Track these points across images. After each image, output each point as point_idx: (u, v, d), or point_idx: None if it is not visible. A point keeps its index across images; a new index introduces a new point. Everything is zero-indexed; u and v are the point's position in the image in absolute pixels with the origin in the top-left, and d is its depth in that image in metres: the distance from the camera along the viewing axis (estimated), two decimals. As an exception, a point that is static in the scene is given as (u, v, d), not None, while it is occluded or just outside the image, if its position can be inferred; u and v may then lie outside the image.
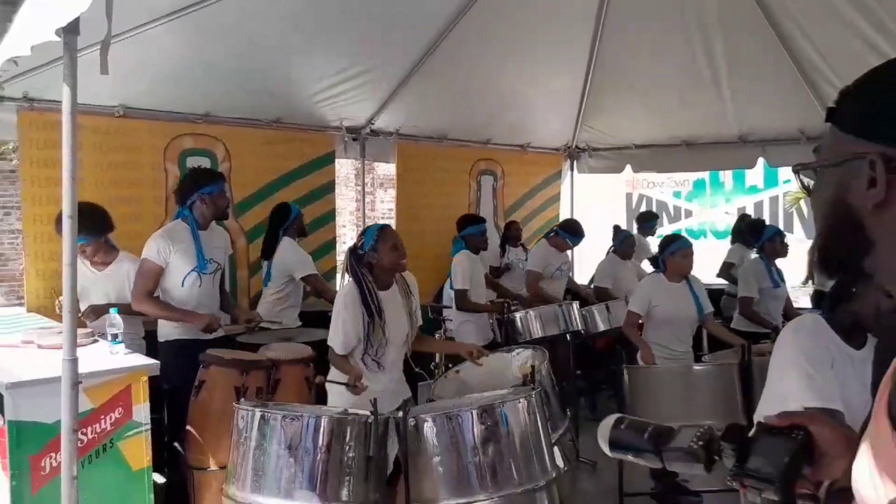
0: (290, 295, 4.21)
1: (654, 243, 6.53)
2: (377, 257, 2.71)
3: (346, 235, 13.38)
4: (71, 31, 1.84)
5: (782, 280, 4.37)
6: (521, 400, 2.31)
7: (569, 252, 5.36)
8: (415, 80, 4.91)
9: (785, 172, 8.87)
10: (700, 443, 0.92)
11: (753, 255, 4.82)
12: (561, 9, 4.60)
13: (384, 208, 12.23)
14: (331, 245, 5.32)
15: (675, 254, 3.50)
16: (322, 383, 2.82)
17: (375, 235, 2.73)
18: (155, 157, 4.30)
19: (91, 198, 3.50)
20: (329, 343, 2.78)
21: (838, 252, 0.75)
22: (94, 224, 3.40)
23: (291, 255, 4.17)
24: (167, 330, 3.33)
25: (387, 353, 2.76)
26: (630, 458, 0.99)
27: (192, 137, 4.46)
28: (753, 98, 5.19)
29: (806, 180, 0.81)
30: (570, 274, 5.20)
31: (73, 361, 2.10)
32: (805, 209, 9.54)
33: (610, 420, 1.03)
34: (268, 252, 4.28)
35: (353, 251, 2.76)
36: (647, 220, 6.64)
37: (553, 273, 4.92)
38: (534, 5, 4.46)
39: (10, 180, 8.76)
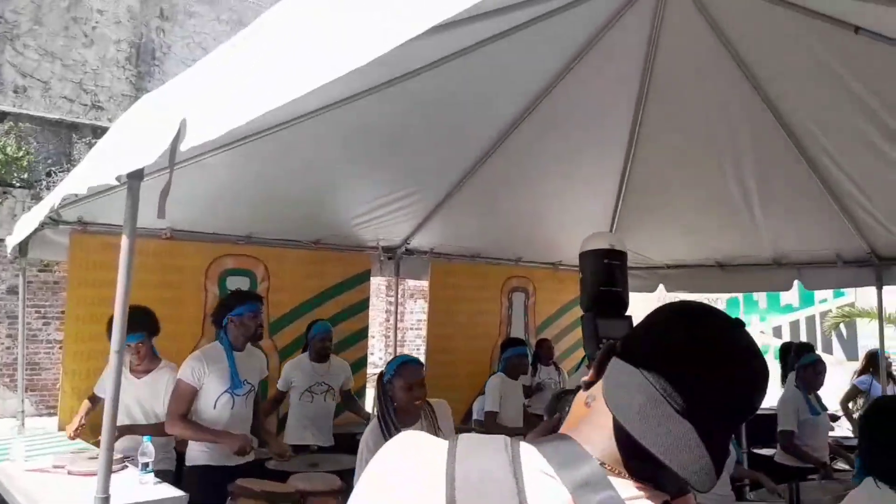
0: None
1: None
2: (393, 392, 2.68)
3: (375, 346, 13.37)
4: (135, 177, 1.95)
5: (823, 408, 4.20)
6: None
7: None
8: (450, 203, 5.04)
9: (821, 292, 8.74)
10: None
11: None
12: (594, 136, 4.75)
13: (413, 319, 12.27)
14: (363, 361, 5.30)
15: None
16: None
17: (394, 370, 2.71)
18: (196, 278, 4.42)
19: (131, 317, 3.58)
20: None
21: None
22: (143, 322, 3.49)
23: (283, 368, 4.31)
24: (195, 454, 3.30)
25: None
26: None
27: (234, 258, 4.59)
28: (787, 222, 5.19)
29: None
30: None
31: (106, 500, 2.07)
32: (844, 331, 9.30)
33: None
34: None
35: (380, 378, 2.76)
36: None
37: None
38: (568, 132, 4.62)
39: (52, 291, 9.02)
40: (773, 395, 4.45)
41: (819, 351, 8.98)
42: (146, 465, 2.80)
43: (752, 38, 3.63)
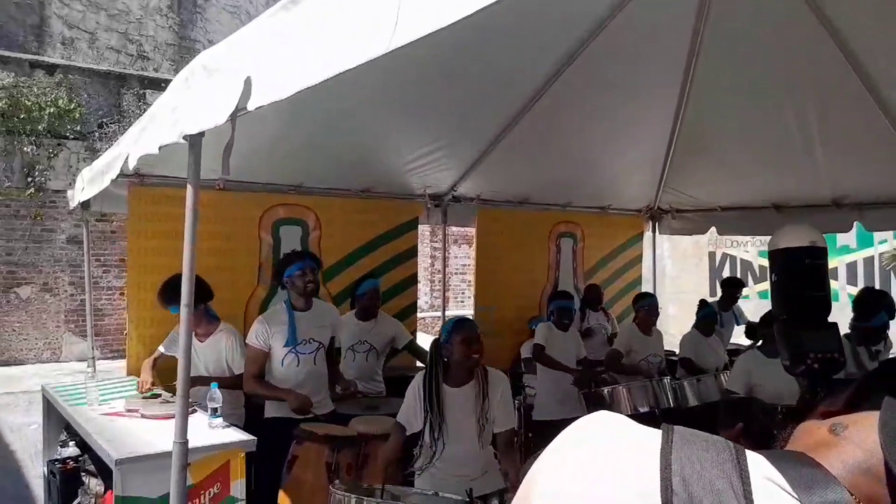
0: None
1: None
2: (451, 350, 2.73)
3: (421, 291, 13.54)
4: (197, 137, 1.97)
5: (874, 356, 4.08)
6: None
7: (662, 339, 5.10)
8: (497, 149, 4.98)
9: (879, 234, 8.45)
10: None
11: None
12: (647, 77, 4.59)
13: (458, 264, 12.34)
14: (412, 308, 5.38)
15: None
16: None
17: (451, 327, 2.76)
18: (250, 228, 4.50)
19: (188, 267, 3.69)
20: (398, 418, 2.83)
21: None
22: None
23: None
24: (271, 408, 3.47)
25: (448, 449, 2.72)
26: None
27: (285, 207, 4.65)
28: (849, 162, 4.99)
29: None
30: (662, 366, 4.92)
31: (184, 444, 2.18)
32: (903, 270, 9.02)
33: None
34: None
35: (435, 342, 2.82)
36: (731, 287, 6.30)
37: (638, 363, 4.72)
38: (619, 75, 4.47)
39: (110, 240, 9.32)
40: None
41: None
42: (215, 410, 2.92)
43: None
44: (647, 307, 4.88)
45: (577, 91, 4.53)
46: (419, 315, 10.90)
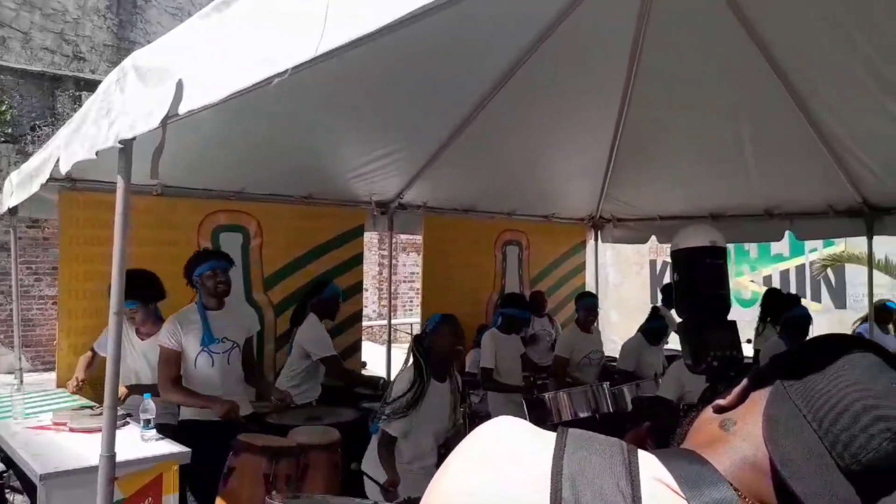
0: (308, 371, 4.22)
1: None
2: (435, 340, 2.85)
3: (368, 299, 13.42)
4: (128, 141, 1.91)
5: None
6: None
7: (601, 337, 5.20)
8: (444, 156, 4.99)
9: (811, 242, 8.82)
10: None
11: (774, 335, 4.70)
12: (588, 88, 4.69)
13: (406, 272, 12.31)
14: (357, 317, 5.33)
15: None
16: (356, 469, 2.81)
17: (438, 321, 2.93)
18: (189, 234, 4.39)
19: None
20: (383, 427, 2.82)
21: None
22: (145, 289, 3.51)
23: (309, 333, 4.19)
24: (186, 410, 3.35)
25: (419, 440, 2.79)
26: None
27: (226, 214, 4.56)
28: (780, 173, 5.19)
29: None
30: (602, 362, 5.03)
31: (111, 457, 2.10)
32: (832, 277, 9.41)
33: None
34: (295, 321, 4.37)
35: (416, 337, 2.92)
36: (671, 294, 6.45)
37: (580, 360, 4.80)
38: (561, 85, 4.56)
39: (42, 247, 8.96)
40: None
41: (808, 299, 9.13)
42: (148, 421, 2.83)
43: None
44: (586, 306, 4.99)
45: (520, 100, 4.59)
46: (367, 324, 10.80)
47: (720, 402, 0.79)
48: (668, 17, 3.99)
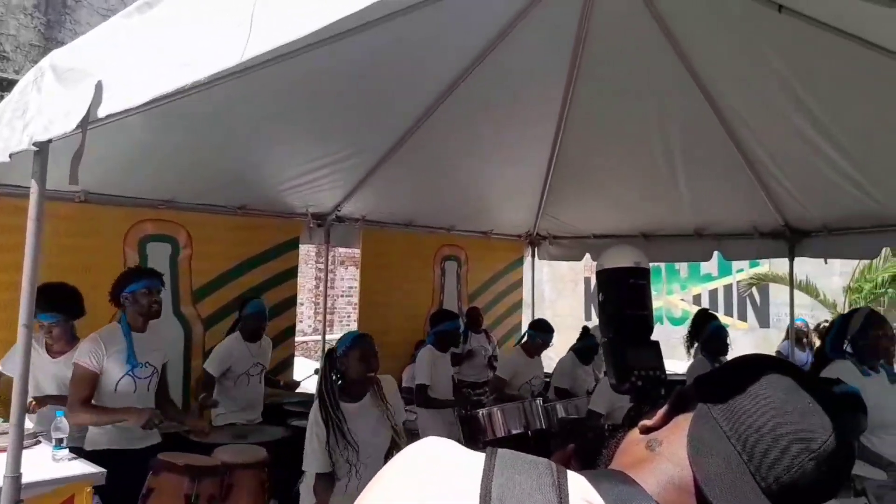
0: (222, 390, 4.09)
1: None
2: (346, 364, 2.66)
3: (304, 314, 13.20)
4: (43, 143, 1.82)
5: None
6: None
7: (542, 363, 5.22)
8: (383, 169, 4.97)
9: (738, 262, 9.16)
10: None
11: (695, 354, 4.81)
12: (526, 107, 4.76)
13: (344, 286, 12.16)
14: (291, 331, 5.22)
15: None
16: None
17: (350, 343, 2.69)
18: (114, 244, 4.21)
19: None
20: (305, 468, 2.67)
21: None
22: (69, 302, 3.32)
23: (215, 350, 4.11)
24: (96, 437, 3.14)
25: (367, 464, 2.64)
26: None
27: (154, 223, 4.40)
28: (709, 195, 5.38)
29: None
30: (542, 387, 5.03)
31: (16, 478, 1.97)
32: (757, 297, 9.80)
33: None
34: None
35: (329, 353, 2.72)
36: None
37: (521, 386, 4.80)
38: (500, 103, 4.61)
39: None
40: (684, 363, 4.67)
41: (734, 318, 9.46)
42: (60, 440, 2.68)
43: (682, 13, 3.68)
44: (543, 340, 4.96)
45: (460, 116, 4.62)
46: (302, 339, 10.60)
47: (646, 422, 0.80)
48: (604, 41, 4.09)
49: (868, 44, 3.26)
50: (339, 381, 2.69)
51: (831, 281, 9.26)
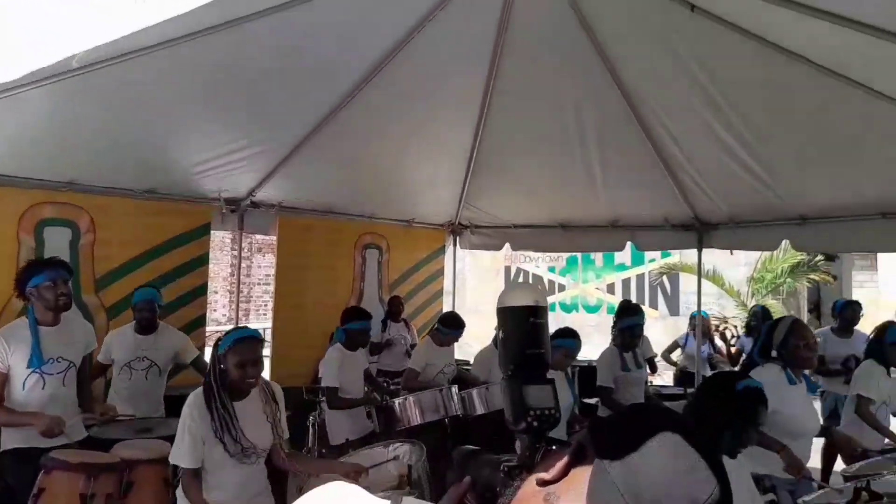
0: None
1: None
2: (226, 363, 2.48)
3: (218, 303, 12.80)
4: None
5: (638, 365, 4.53)
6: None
7: (454, 352, 5.21)
8: (300, 154, 4.84)
9: (650, 252, 9.51)
10: None
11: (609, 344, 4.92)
12: (448, 96, 4.74)
13: (261, 274, 11.87)
14: (201, 321, 5.02)
15: (558, 350, 3.57)
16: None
17: (230, 344, 2.49)
18: (7, 228, 3.93)
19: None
20: (172, 461, 2.51)
21: None
22: None
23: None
24: (6, 437, 2.99)
25: (249, 461, 2.53)
26: None
27: (53, 206, 4.14)
28: (623, 188, 5.53)
29: None
30: (455, 374, 5.01)
31: None
32: (668, 286, 10.20)
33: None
34: None
35: (216, 345, 2.56)
36: None
37: (435, 376, 4.78)
38: (421, 91, 4.57)
39: None
40: (598, 349, 4.79)
41: (646, 306, 9.81)
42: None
43: (602, 9, 3.75)
44: (451, 336, 4.92)
45: (381, 102, 4.55)
46: (217, 328, 10.28)
47: (544, 476, 0.80)
48: (525, 35, 4.12)
49: (771, 44, 3.41)
50: (224, 375, 2.51)
51: (737, 271, 9.75)
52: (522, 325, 1.46)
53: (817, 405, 4.90)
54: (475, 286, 10.00)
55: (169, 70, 3.56)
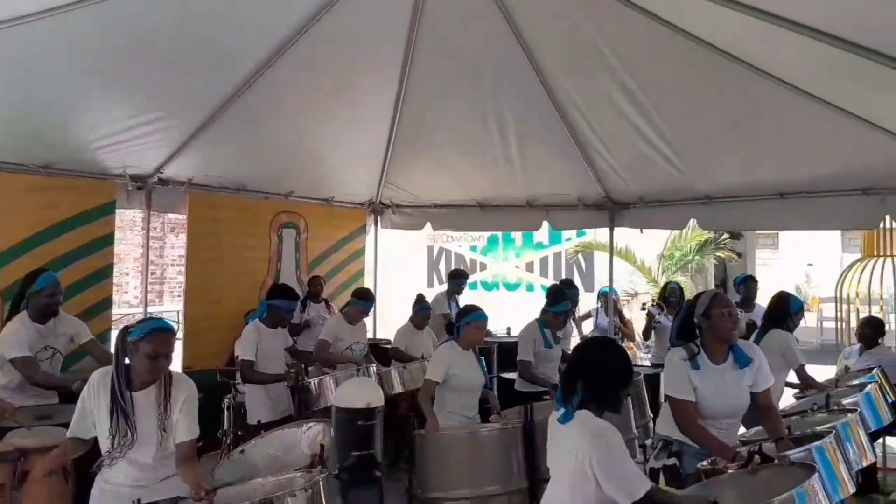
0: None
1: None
2: (133, 354, 2.37)
3: (129, 285, 12.26)
4: None
5: (556, 340, 4.64)
6: (305, 490, 2.20)
7: (366, 328, 5.18)
8: (211, 129, 4.65)
9: (566, 232, 9.77)
10: None
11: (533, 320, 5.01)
12: (365, 72, 4.68)
13: (174, 255, 11.43)
14: (106, 304, 4.79)
15: (470, 324, 3.59)
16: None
17: (143, 334, 2.37)
18: None
19: None
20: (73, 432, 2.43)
21: None
22: None
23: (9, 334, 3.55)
24: None
25: (129, 456, 2.40)
26: None
27: (-66, 182, 3.83)
28: (539, 168, 5.63)
29: None
30: (365, 352, 4.98)
31: None
32: (584, 263, 10.51)
33: None
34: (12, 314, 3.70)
35: (124, 332, 2.44)
36: (457, 278, 6.57)
37: (342, 352, 4.74)
38: (338, 66, 4.49)
39: None
40: (519, 326, 4.86)
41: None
42: None
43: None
44: (362, 308, 4.88)
45: (296, 77, 4.44)
46: (128, 311, 9.86)
47: None
48: (442, 14, 4.11)
49: (682, 31, 3.53)
50: (128, 366, 2.40)
51: (649, 249, 10.13)
52: (351, 427, 1.44)
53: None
54: (396, 267, 10.01)
55: (60, 39, 3.35)
